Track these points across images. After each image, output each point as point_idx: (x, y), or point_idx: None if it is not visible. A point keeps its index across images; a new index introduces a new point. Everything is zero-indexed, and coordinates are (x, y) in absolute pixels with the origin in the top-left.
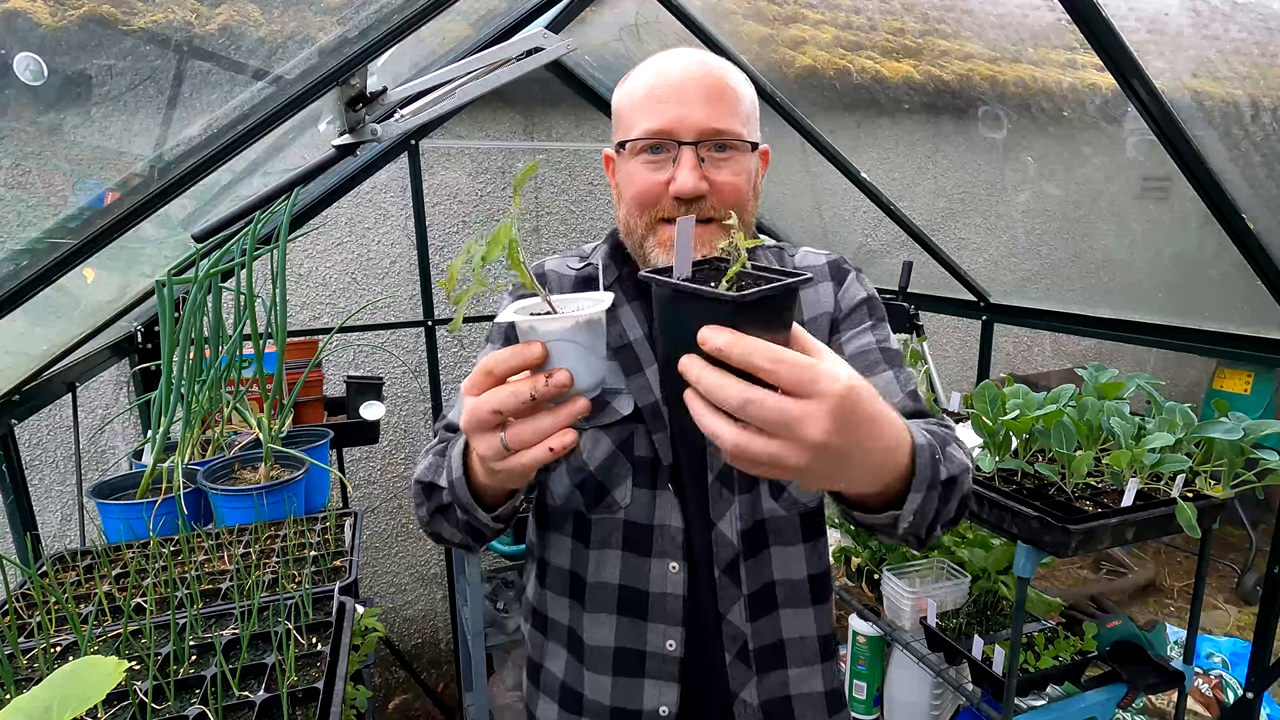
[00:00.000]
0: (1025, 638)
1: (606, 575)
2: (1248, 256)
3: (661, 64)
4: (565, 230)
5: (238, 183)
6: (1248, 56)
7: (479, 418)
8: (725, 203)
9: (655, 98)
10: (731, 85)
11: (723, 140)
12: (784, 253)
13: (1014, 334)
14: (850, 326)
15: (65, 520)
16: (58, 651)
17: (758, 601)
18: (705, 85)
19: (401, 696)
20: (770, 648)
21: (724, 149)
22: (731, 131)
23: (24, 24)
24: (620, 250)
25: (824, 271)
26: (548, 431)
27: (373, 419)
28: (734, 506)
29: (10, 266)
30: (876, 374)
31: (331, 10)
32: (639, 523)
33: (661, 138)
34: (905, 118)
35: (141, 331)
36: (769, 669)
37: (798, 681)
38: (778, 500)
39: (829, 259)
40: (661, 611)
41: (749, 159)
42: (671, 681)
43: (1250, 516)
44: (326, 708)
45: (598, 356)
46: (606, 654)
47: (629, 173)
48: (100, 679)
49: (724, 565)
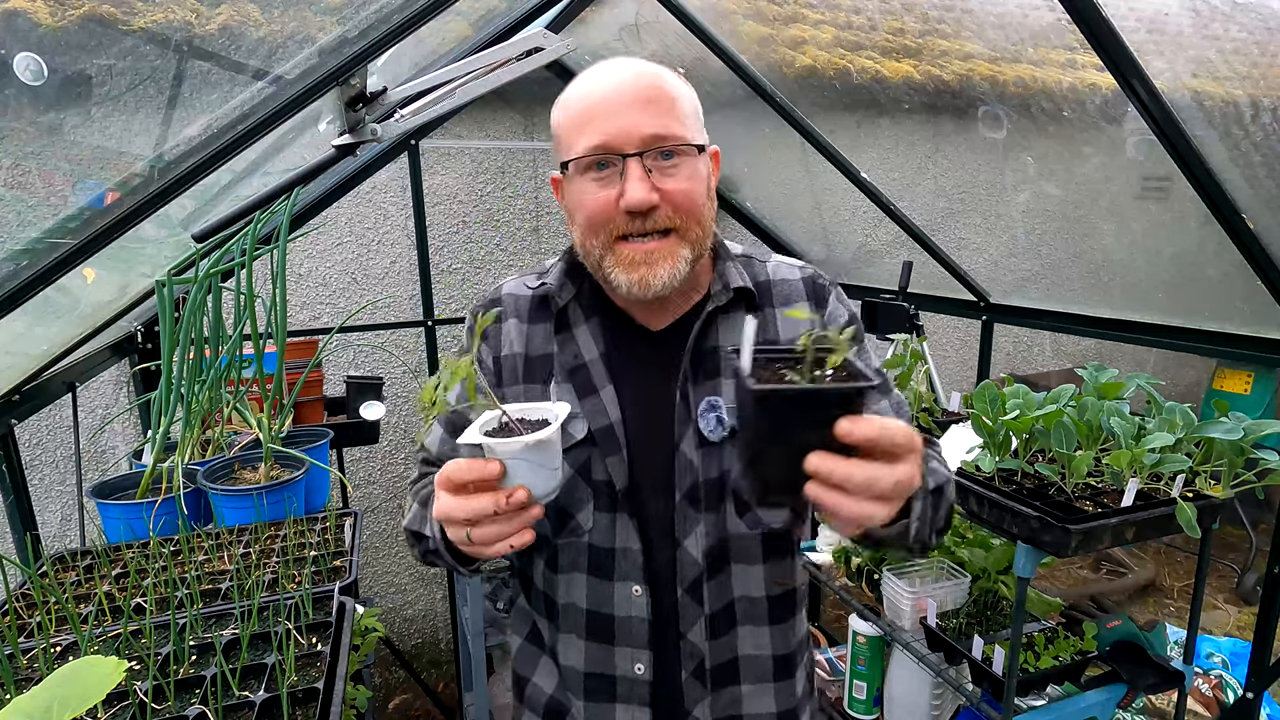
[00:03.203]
0: (1025, 638)
1: (575, 598)
2: (1248, 256)
3: (594, 77)
4: (565, 230)
5: (238, 183)
6: (1248, 56)
7: (449, 518)
8: (680, 210)
9: (592, 113)
10: (667, 89)
11: (666, 146)
12: (753, 262)
13: (1014, 334)
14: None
15: (65, 520)
16: (58, 651)
17: (718, 620)
18: (640, 92)
19: (401, 696)
20: (725, 665)
21: (670, 155)
22: (674, 136)
23: (24, 24)
24: (577, 268)
25: (799, 290)
26: (508, 534)
27: (373, 419)
28: (700, 525)
29: (10, 266)
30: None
31: (331, 10)
32: (601, 546)
33: (603, 152)
34: (905, 118)
35: (141, 331)
36: (722, 685)
37: (749, 699)
38: (742, 518)
39: (803, 274)
40: (627, 635)
41: (698, 162)
42: (643, 705)
43: (1250, 516)
44: (326, 708)
45: (550, 468)
46: (579, 677)
47: (577, 193)
48: (100, 679)
49: (687, 585)
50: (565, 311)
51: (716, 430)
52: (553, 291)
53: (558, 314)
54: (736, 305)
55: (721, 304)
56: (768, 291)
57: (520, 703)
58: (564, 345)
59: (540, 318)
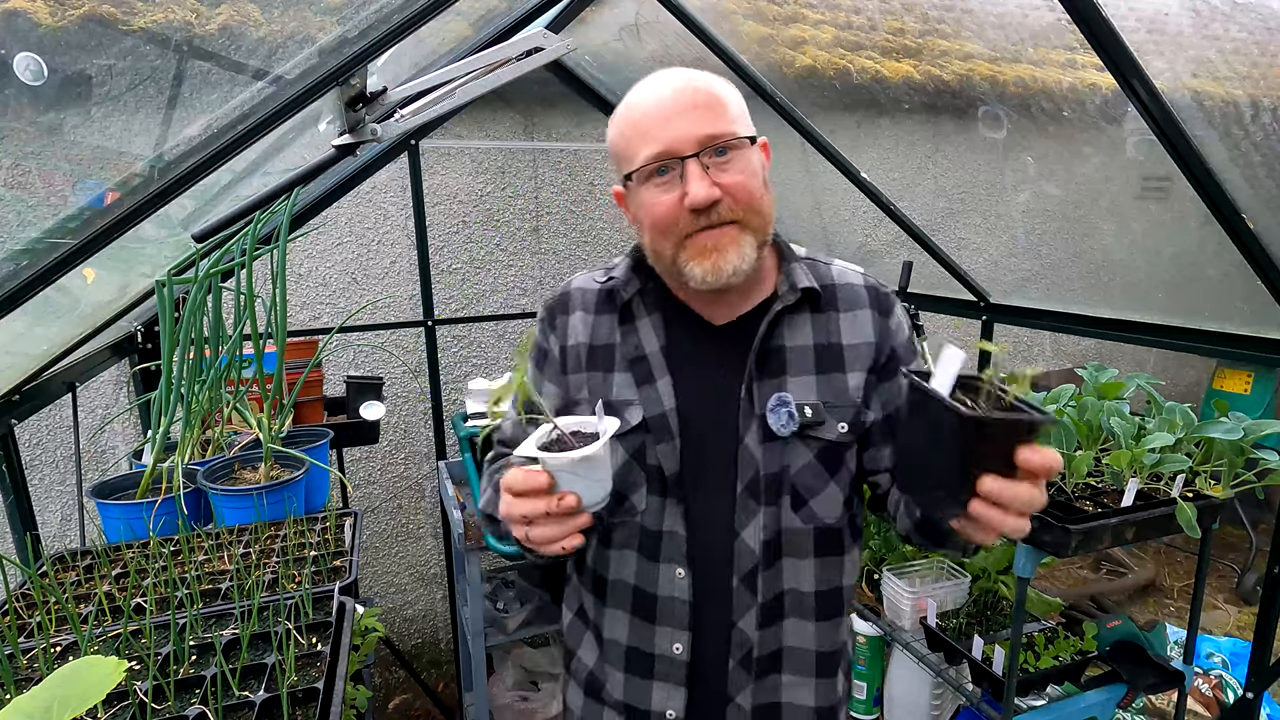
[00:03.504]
0: (1025, 638)
1: (625, 575)
2: (1248, 256)
3: (644, 91)
4: (565, 230)
5: (238, 183)
6: (1248, 56)
7: (510, 517)
8: (740, 202)
9: (647, 124)
10: (714, 91)
11: (720, 143)
12: (817, 264)
13: (1014, 334)
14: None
15: (65, 520)
16: (58, 651)
17: (768, 610)
18: (690, 98)
19: (401, 696)
20: (770, 655)
21: (724, 151)
22: (726, 132)
23: (24, 24)
24: (641, 265)
25: (863, 297)
26: (559, 537)
27: (373, 419)
28: (759, 517)
29: (10, 266)
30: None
31: (331, 10)
32: (650, 528)
33: (664, 159)
34: (905, 118)
35: (141, 331)
36: (765, 674)
37: (789, 689)
38: (797, 513)
39: (866, 282)
40: (669, 614)
41: (751, 154)
42: (679, 685)
43: (1250, 516)
44: (326, 708)
45: (597, 480)
46: (620, 651)
47: (643, 202)
48: (100, 679)
49: (743, 574)
50: (630, 305)
51: (787, 425)
52: (618, 285)
53: (622, 307)
54: (801, 306)
55: (790, 303)
56: (832, 294)
57: (568, 673)
58: (626, 336)
59: (606, 310)
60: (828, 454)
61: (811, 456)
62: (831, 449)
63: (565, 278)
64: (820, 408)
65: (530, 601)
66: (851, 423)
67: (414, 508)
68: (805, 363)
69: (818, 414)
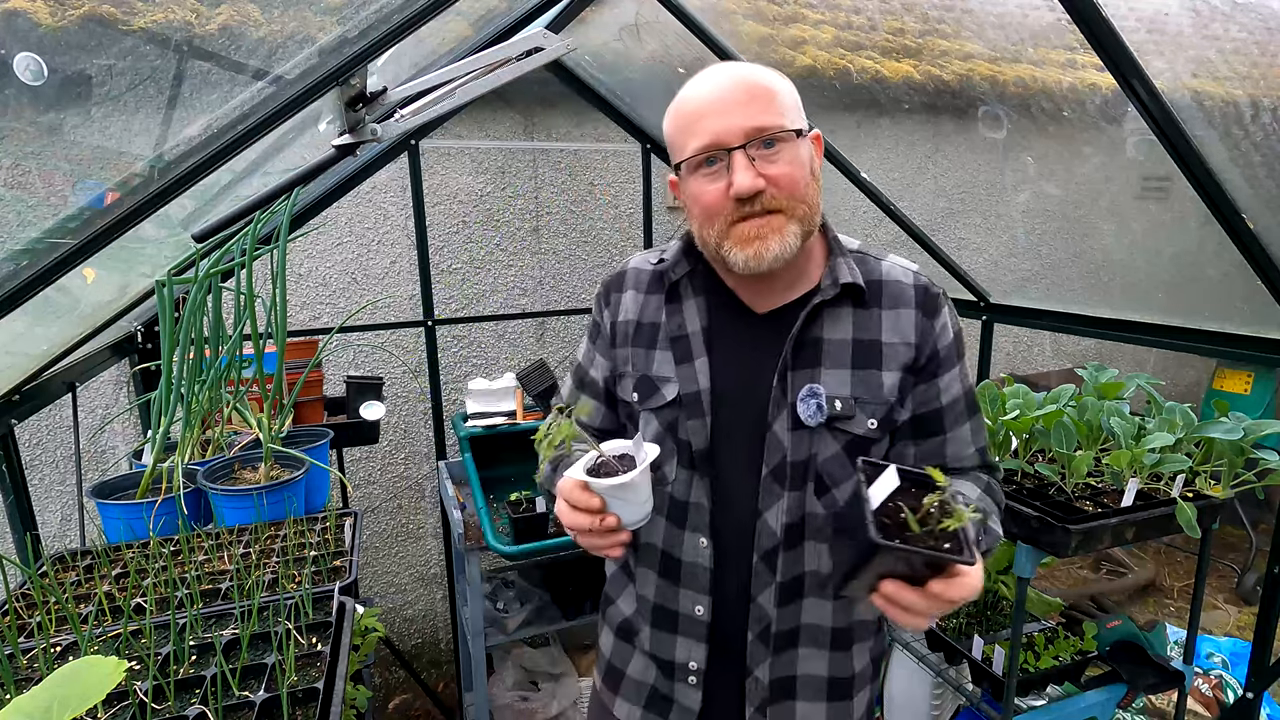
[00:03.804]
0: (1025, 638)
1: (654, 539)
2: (1248, 256)
3: (696, 85)
4: (565, 230)
5: (238, 183)
6: (1248, 56)
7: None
8: (784, 192)
9: (697, 116)
10: (764, 84)
11: (767, 135)
12: (866, 259)
13: (1014, 334)
14: (946, 369)
15: (65, 520)
16: (58, 651)
17: (788, 589)
18: (739, 91)
19: (401, 696)
20: (788, 631)
21: (771, 144)
22: (773, 125)
23: (24, 24)
24: (692, 249)
25: (909, 296)
26: (604, 547)
27: (373, 419)
28: (783, 501)
29: (10, 266)
30: (961, 426)
31: (331, 10)
32: (678, 498)
33: (711, 150)
34: (905, 118)
35: (141, 331)
36: (783, 649)
37: (804, 661)
38: (821, 499)
39: (917, 282)
40: (691, 579)
41: (799, 146)
42: (700, 642)
43: (1250, 516)
44: (326, 708)
45: (636, 503)
46: (649, 606)
47: (692, 190)
48: (100, 679)
49: (763, 553)
50: (677, 286)
51: (815, 416)
52: (668, 267)
53: (669, 288)
54: (843, 300)
55: (829, 298)
56: (878, 291)
57: (602, 619)
58: (671, 316)
59: (655, 290)
60: (855, 447)
61: (839, 448)
62: (859, 442)
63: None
64: (851, 402)
65: (530, 601)
66: (882, 420)
67: (414, 508)
68: (842, 356)
69: (847, 408)
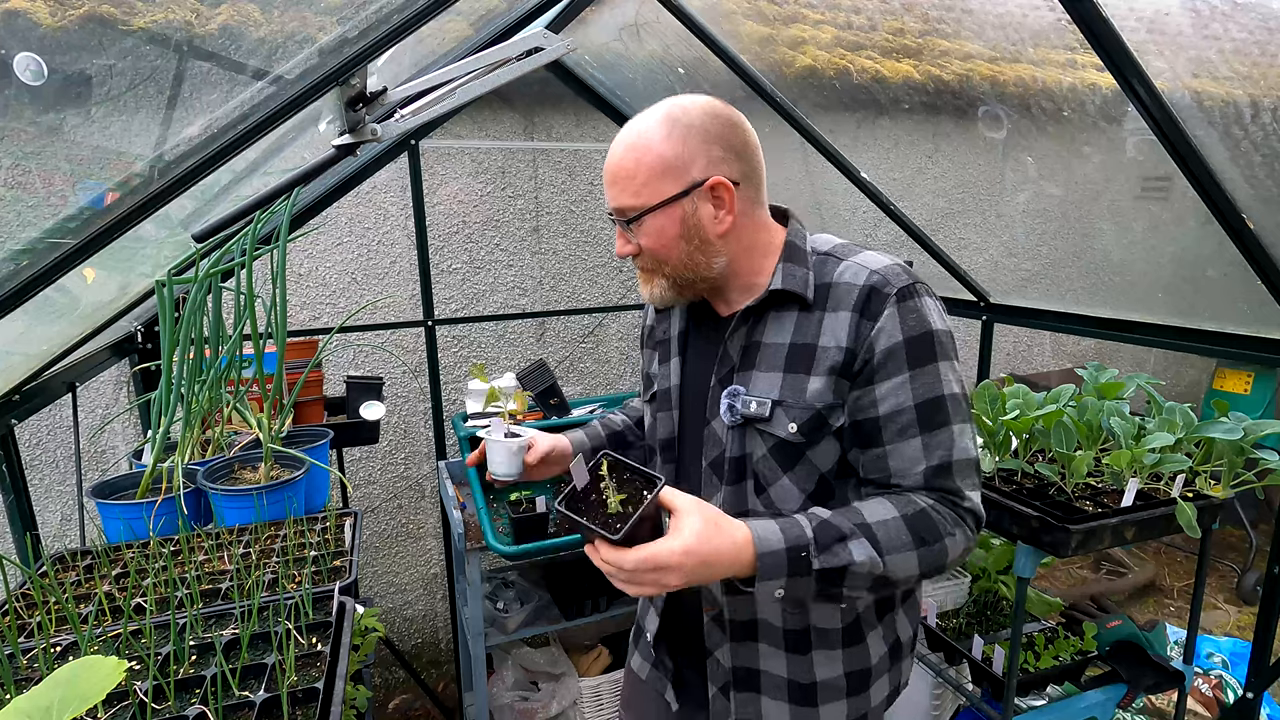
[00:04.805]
0: (1025, 638)
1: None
2: (1248, 256)
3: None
4: (565, 230)
5: (238, 183)
6: (1248, 56)
7: None
8: (648, 257)
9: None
10: (628, 163)
11: (626, 218)
12: (827, 261)
13: (1014, 334)
14: (885, 378)
15: (65, 520)
16: (58, 651)
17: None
18: (613, 169)
19: (401, 696)
20: (745, 622)
21: (630, 223)
22: (629, 207)
23: (24, 24)
24: None
25: (851, 299)
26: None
27: (373, 419)
28: (720, 495)
29: (10, 266)
30: (906, 440)
31: (331, 10)
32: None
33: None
34: (905, 118)
35: (141, 331)
36: (742, 639)
37: (765, 658)
38: (759, 497)
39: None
40: None
41: (663, 216)
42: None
43: (1250, 516)
44: (326, 708)
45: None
46: None
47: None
48: (100, 679)
49: None
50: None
51: (729, 416)
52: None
53: None
54: (788, 304)
55: (754, 305)
56: (825, 293)
57: None
58: (660, 321)
59: None
60: (781, 449)
61: (766, 449)
62: (784, 445)
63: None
64: (770, 405)
65: (530, 601)
66: (804, 424)
67: (414, 508)
68: (776, 359)
69: (763, 410)
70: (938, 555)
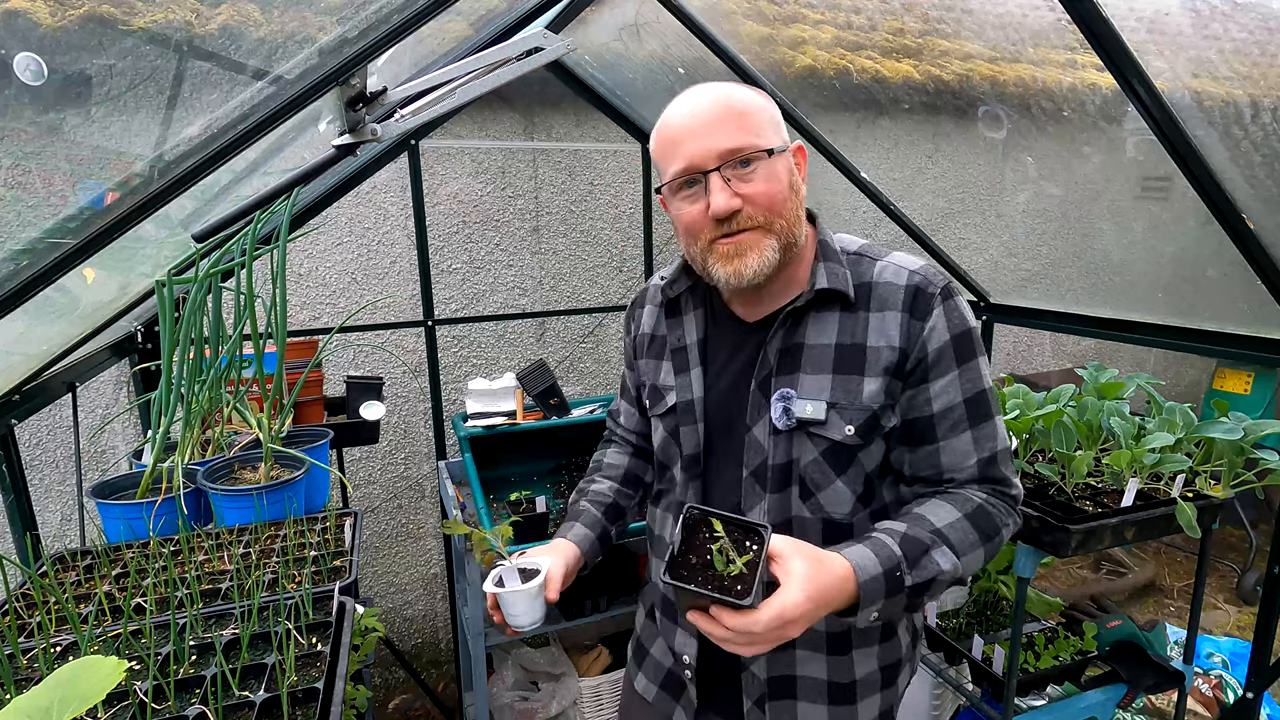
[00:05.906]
0: (1025, 638)
1: (665, 534)
2: (1248, 256)
3: (676, 107)
4: (565, 230)
5: (238, 183)
6: (1248, 56)
7: None
8: (760, 209)
9: (675, 141)
10: (737, 104)
11: (741, 156)
12: (862, 260)
13: (1014, 334)
14: (939, 375)
15: (65, 520)
16: (58, 651)
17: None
18: (714, 114)
19: (401, 696)
20: None
21: (747, 164)
22: (746, 146)
23: (24, 24)
24: (689, 266)
25: (898, 298)
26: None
27: (373, 419)
28: (763, 502)
29: (10, 266)
30: (958, 435)
31: (331, 10)
32: (678, 499)
33: (688, 174)
34: (905, 118)
35: (141, 331)
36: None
37: (803, 663)
38: (805, 503)
39: (909, 281)
40: None
41: (776, 163)
42: (693, 636)
43: (1250, 516)
44: (326, 708)
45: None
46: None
47: (675, 210)
48: (100, 679)
49: None
50: (677, 301)
51: (783, 420)
52: (667, 283)
53: (669, 303)
54: (829, 304)
55: (800, 304)
56: (867, 293)
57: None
58: (672, 329)
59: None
60: (834, 453)
61: (818, 453)
62: (838, 448)
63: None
64: (826, 407)
65: None
66: (861, 426)
67: (414, 508)
68: (823, 361)
69: (819, 413)
70: (997, 546)
